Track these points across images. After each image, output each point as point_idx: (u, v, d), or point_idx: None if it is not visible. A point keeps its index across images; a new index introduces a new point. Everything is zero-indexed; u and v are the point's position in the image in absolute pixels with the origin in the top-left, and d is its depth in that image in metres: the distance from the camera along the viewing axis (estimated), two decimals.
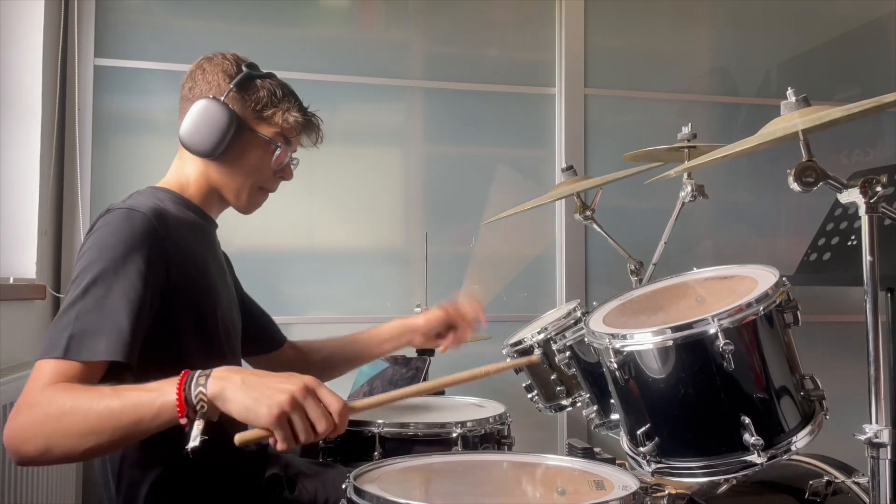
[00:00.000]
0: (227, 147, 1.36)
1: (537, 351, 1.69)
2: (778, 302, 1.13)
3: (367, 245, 2.70)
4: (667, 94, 2.96)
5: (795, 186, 1.11)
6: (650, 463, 1.17)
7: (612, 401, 1.30)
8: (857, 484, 1.39)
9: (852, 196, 1.11)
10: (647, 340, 1.13)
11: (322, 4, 2.78)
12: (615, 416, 1.35)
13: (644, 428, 1.16)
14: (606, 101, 2.91)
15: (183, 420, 1.04)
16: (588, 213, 2.02)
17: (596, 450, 1.76)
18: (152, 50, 2.53)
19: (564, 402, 1.72)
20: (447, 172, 2.81)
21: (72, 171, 2.40)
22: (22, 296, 2.06)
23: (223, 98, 1.37)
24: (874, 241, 1.10)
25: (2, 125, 2.17)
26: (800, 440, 1.13)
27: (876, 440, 1.08)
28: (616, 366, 1.15)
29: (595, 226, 2.03)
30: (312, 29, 2.74)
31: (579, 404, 1.68)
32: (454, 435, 1.46)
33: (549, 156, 2.86)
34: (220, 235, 1.53)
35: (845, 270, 1.83)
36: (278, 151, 1.42)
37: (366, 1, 2.79)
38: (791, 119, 1.14)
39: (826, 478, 1.41)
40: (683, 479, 1.17)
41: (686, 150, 1.82)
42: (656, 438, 1.16)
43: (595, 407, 1.55)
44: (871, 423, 1.09)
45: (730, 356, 1.07)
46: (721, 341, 1.07)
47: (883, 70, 3.11)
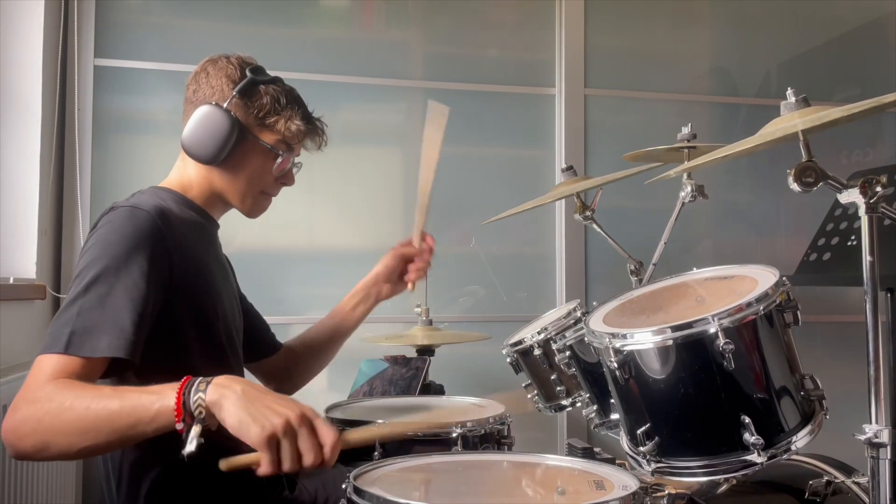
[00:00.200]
0: (229, 153, 1.36)
1: (537, 351, 1.69)
2: (778, 302, 1.13)
3: (367, 245, 2.70)
4: (667, 95, 2.96)
5: (795, 187, 1.11)
6: (650, 462, 1.17)
7: (612, 400, 1.30)
8: (857, 484, 1.39)
9: (852, 196, 1.11)
10: (647, 340, 1.13)
11: (322, 4, 2.78)
12: (615, 416, 1.35)
13: (644, 427, 1.16)
14: (606, 102, 2.91)
15: (179, 425, 1.03)
16: (588, 214, 2.02)
17: (596, 450, 1.76)
18: (152, 50, 2.53)
19: (564, 402, 1.72)
20: (447, 172, 2.80)
21: (72, 171, 2.40)
22: (22, 296, 2.06)
23: (226, 104, 1.37)
24: (874, 241, 1.10)
25: (2, 125, 2.17)
26: (800, 440, 1.13)
27: (876, 440, 1.08)
28: (616, 365, 1.15)
29: (595, 226, 2.03)
30: (312, 29, 2.74)
31: (579, 404, 1.68)
32: (454, 435, 1.46)
33: (549, 156, 2.85)
34: (221, 236, 1.53)
35: (845, 270, 1.83)
36: (280, 159, 1.42)
37: (366, 1, 2.79)
38: (791, 119, 1.14)
39: (826, 478, 1.41)
40: (683, 479, 1.18)
41: (686, 151, 1.82)
42: (656, 438, 1.16)
43: (595, 407, 1.55)
44: (871, 423, 1.09)
45: (730, 356, 1.07)
46: (721, 341, 1.07)
47: (883, 70, 3.11)
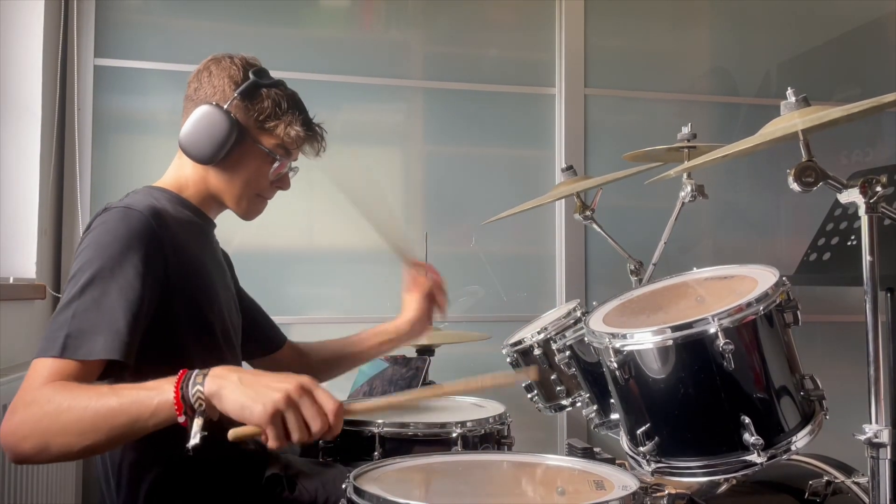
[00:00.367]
0: (227, 155, 1.36)
1: (537, 351, 1.70)
2: (778, 302, 1.13)
3: (367, 245, 2.69)
4: (667, 94, 2.96)
5: (795, 186, 1.11)
6: (650, 463, 1.17)
7: (612, 400, 1.30)
8: (857, 484, 1.39)
9: (852, 196, 1.11)
10: (647, 340, 1.13)
11: (322, 4, 2.78)
12: (615, 416, 1.35)
13: (644, 427, 1.16)
14: (606, 101, 2.90)
15: (181, 418, 1.04)
16: (588, 213, 2.03)
17: (596, 450, 1.76)
18: (152, 50, 2.53)
19: (564, 402, 1.72)
20: (447, 172, 2.81)
21: (72, 171, 2.40)
22: (22, 296, 2.06)
23: (226, 105, 1.36)
24: (874, 241, 1.10)
25: (2, 125, 2.17)
26: (800, 440, 1.13)
27: (876, 440, 1.09)
28: (616, 365, 1.15)
29: (595, 226, 2.03)
30: (312, 29, 2.74)
31: (579, 404, 1.68)
32: (454, 435, 1.46)
33: (549, 156, 2.85)
34: (220, 235, 1.53)
35: (845, 270, 1.83)
36: (276, 163, 1.42)
37: (366, 1, 2.79)
38: (791, 119, 1.14)
39: (826, 478, 1.41)
40: (683, 479, 1.18)
41: (686, 150, 1.83)
42: (656, 438, 1.16)
43: (595, 407, 1.55)
44: (871, 423, 1.09)
45: (730, 356, 1.07)
46: (721, 341, 1.07)
47: (883, 70, 3.11)
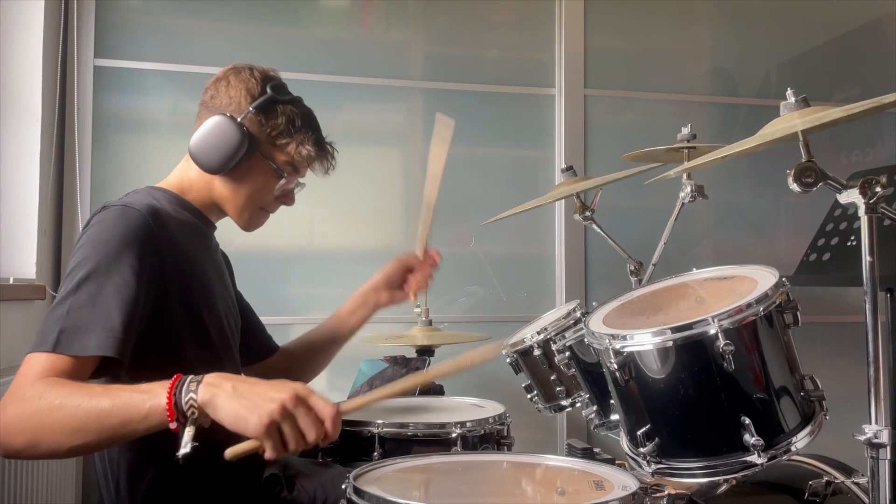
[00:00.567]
0: (235, 166, 1.36)
1: (537, 351, 1.69)
2: (778, 302, 1.13)
3: (367, 245, 2.70)
4: (666, 95, 2.96)
5: (795, 187, 1.11)
6: (650, 463, 1.17)
7: (612, 401, 1.30)
8: (857, 484, 1.39)
9: (852, 196, 1.11)
10: (647, 341, 1.13)
11: (322, 4, 2.78)
12: (615, 417, 1.35)
13: (644, 428, 1.16)
14: (606, 102, 2.91)
15: (173, 425, 1.03)
16: (588, 214, 2.02)
17: (596, 450, 1.76)
18: (152, 50, 2.53)
19: (564, 403, 1.72)
20: (447, 172, 2.80)
21: (71, 171, 2.40)
22: (21, 296, 2.06)
23: (240, 118, 1.36)
24: (874, 242, 1.10)
25: (2, 125, 2.17)
26: (800, 440, 1.13)
27: (875, 440, 1.08)
28: (616, 366, 1.15)
29: (595, 226, 2.03)
30: (312, 29, 2.74)
31: (579, 405, 1.68)
32: (454, 435, 1.46)
33: (549, 156, 2.85)
34: (221, 236, 1.53)
35: (845, 271, 1.84)
36: (283, 180, 1.42)
37: (366, 1, 2.79)
38: (791, 119, 1.14)
39: (826, 478, 1.41)
40: (683, 480, 1.18)
41: (686, 151, 1.82)
42: (656, 439, 1.16)
43: (595, 407, 1.55)
44: (871, 424, 1.09)
45: (730, 357, 1.07)
46: (721, 342, 1.07)
47: (883, 70, 3.11)
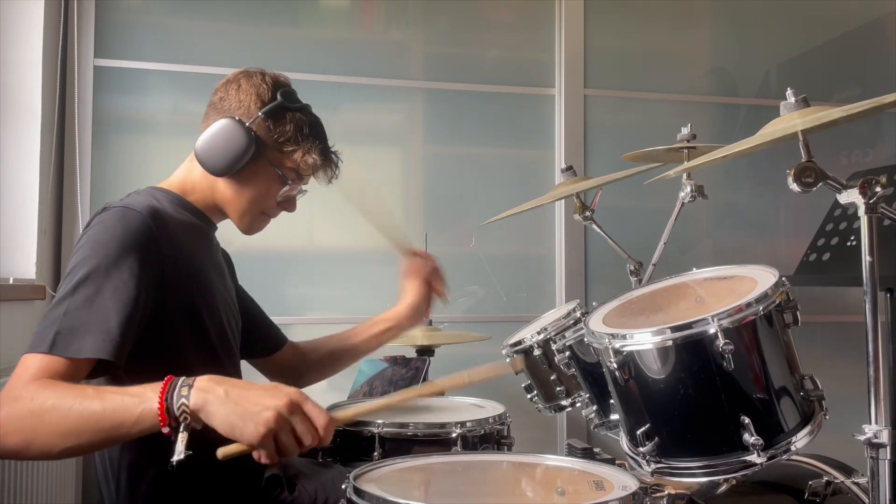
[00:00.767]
0: (240, 169, 1.36)
1: (537, 351, 1.69)
2: (777, 302, 1.13)
3: (367, 245, 2.70)
4: (666, 95, 2.96)
5: (795, 187, 1.11)
6: (650, 463, 1.17)
7: (612, 401, 1.30)
8: (857, 484, 1.39)
9: (852, 196, 1.11)
10: (647, 340, 1.13)
11: (322, 5, 2.78)
12: (615, 417, 1.35)
13: (644, 428, 1.16)
14: (606, 102, 2.91)
15: (165, 429, 1.03)
16: (588, 214, 2.03)
17: (595, 450, 1.76)
18: (152, 50, 2.53)
19: (564, 403, 1.72)
20: (447, 173, 2.81)
21: (71, 171, 2.40)
22: (21, 296, 2.06)
23: (248, 122, 1.35)
24: (873, 242, 1.10)
25: (2, 125, 2.17)
26: (799, 440, 1.13)
27: (875, 440, 1.09)
28: (616, 366, 1.15)
29: (595, 226, 2.03)
30: (312, 29, 2.74)
31: (579, 404, 1.68)
32: (454, 435, 1.46)
33: (549, 156, 2.86)
34: (222, 236, 1.53)
35: (845, 271, 1.84)
36: (287, 187, 1.42)
37: (366, 1, 2.79)
38: (790, 119, 1.14)
39: (825, 478, 1.41)
40: (683, 479, 1.18)
41: (685, 151, 1.83)
42: (656, 438, 1.16)
43: (594, 407, 1.55)
44: (871, 424, 1.09)
45: (729, 356, 1.07)
46: (721, 341, 1.07)
47: (883, 70, 3.11)
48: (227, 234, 1.54)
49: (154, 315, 1.22)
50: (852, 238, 1.86)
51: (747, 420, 1.09)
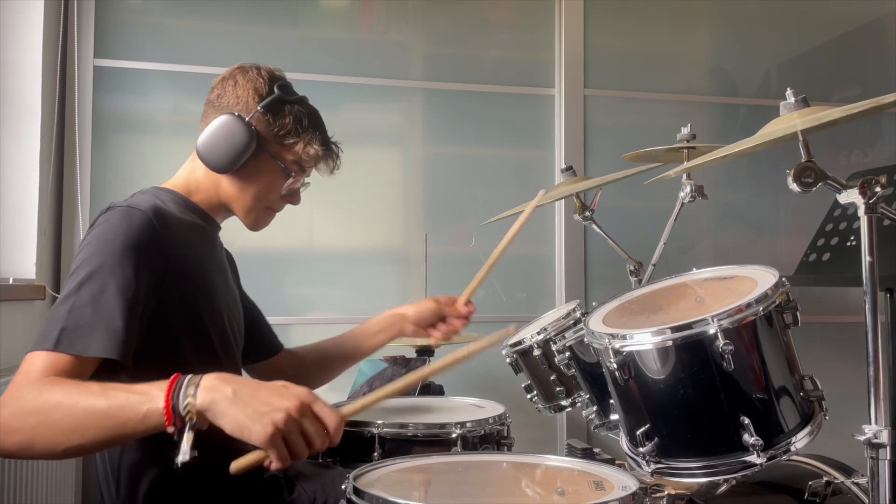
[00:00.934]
0: (242, 165, 1.36)
1: (537, 351, 1.69)
2: (777, 302, 1.13)
3: (367, 245, 2.70)
4: (666, 95, 2.96)
5: (795, 187, 1.11)
6: (650, 463, 1.17)
7: (612, 401, 1.30)
8: (857, 484, 1.39)
9: (851, 196, 1.11)
10: (647, 341, 1.13)
11: (322, 5, 2.78)
12: (615, 417, 1.35)
13: (644, 428, 1.16)
14: (606, 102, 2.91)
15: (170, 429, 1.01)
16: (587, 214, 2.03)
17: (595, 450, 1.77)
18: (152, 50, 2.53)
19: (564, 403, 1.72)
20: (447, 173, 2.81)
21: (71, 171, 2.40)
22: (21, 296, 2.06)
23: (248, 117, 1.36)
24: (873, 242, 1.10)
25: (2, 125, 2.17)
26: (799, 440, 1.13)
27: (875, 441, 1.09)
28: (616, 366, 1.15)
29: (594, 226, 2.03)
30: (312, 29, 2.74)
31: (579, 405, 1.68)
32: (454, 435, 1.46)
33: (549, 156, 2.86)
34: (223, 236, 1.53)
35: (844, 271, 1.83)
36: (290, 179, 1.42)
37: (366, 1, 2.79)
38: (790, 119, 1.14)
39: (825, 478, 1.41)
40: (683, 480, 1.18)
41: (685, 151, 1.82)
42: (656, 439, 1.16)
43: (594, 407, 1.55)
44: (871, 424, 1.09)
45: (729, 356, 1.07)
46: (721, 342, 1.07)
47: (883, 70, 3.11)
48: (229, 235, 1.54)
49: (155, 315, 1.22)
50: (852, 238, 1.86)
51: (747, 420, 1.09)
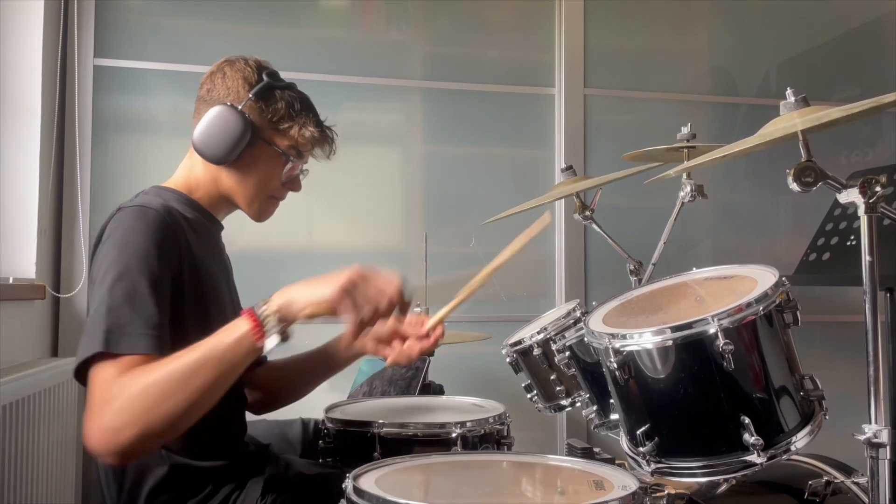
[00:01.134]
0: (240, 155, 1.36)
1: (537, 351, 1.69)
2: (777, 302, 1.13)
3: (367, 245, 2.70)
4: (666, 94, 2.96)
5: (795, 186, 1.11)
6: (650, 463, 1.17)
7: (612, 401, 1.30)
8: (857, 484, 1.39)
9: (851, 196, 1.11)
10: (647, 340, 1.13)
11: (322, 4, 2.78)
12: (615, 416, 1.35)
13: (644, 428, 1.16)
14: (606, 101, 2.91)
15: (260, 343, 1.13)
16: (587, 213, 2.02)
17: (595, 450, 1.76)
18: (152, 50, 2.53)
19: (564, 403, 1.72)
20: (446, 173, 2.81)
21: (72, 171, 2.40)
22: (21, 296, 2.07)
23: (240, 106, 1.37)
24: (873, 241, 1.10)
25: (2, 125, 2.17)
26: (799, 440, 1.13)
27: (875, 440, 1.09)
28: (616, 366, 1.15)
29: (594, 226, 2.03)
30: (312, 29, 2.74)
31: (579, 404, 1.68)
32: (454, 435, 1.46)
33: (549, 156, 2.86)
34: (223, 237, 1.53)
35: (844, 270, 1.83)
36: (289, 164, 1.42)
37: (366, 1, 2.79)
38: (790, 119, 1.14)
39: (825, 478, 1.41)
40: (683, 479, 1.18)
41: (685, 150, 1.82)
42: (656, 438, 1.16)
43: (594, 407, 1.55)
44: (871, 423, 1.09)
45: (729, 356, 1.07)
46: (721, 341, 1.07)
47: (883, 70, 3.11)
48: (228, 235, 1.54)
49: (171, 310, 1.22)
50: (852, 238, 1.86)
51: (747, 420, 1.09)
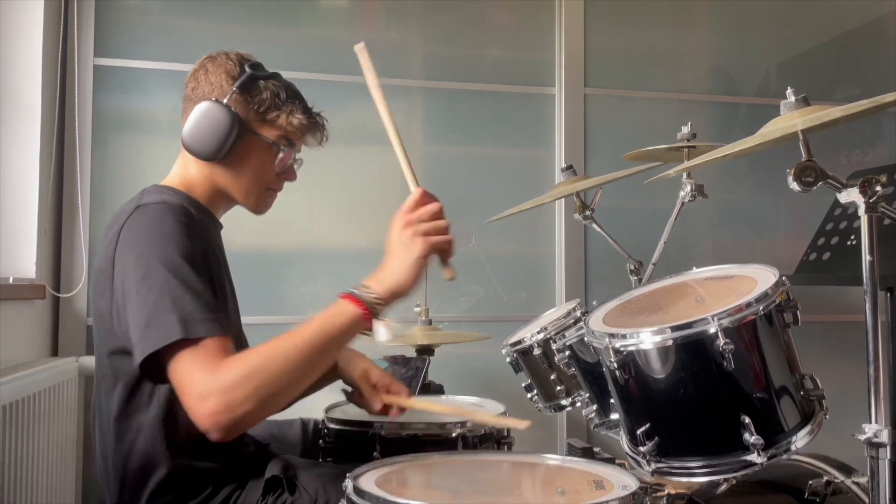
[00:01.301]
0: (230, 150, 1.36)
1: (537, 351, 1.69)
2: (777, 301, 1.13)
3: (367, 245, 2.70)
4: (666, 94, 2.96)
5: (795, 186, 1.11)
6: (650, 462, 1.17)
7: (612, 400, 1.30)
8: (857, 484, 1.39)
9: (852, 196, 1.11)
10: (647, 340, 1.13)
11: (322, 4, 2.78)
12: (615, 416, 1.35)
13: (644, 427, 1.16)
14: (606, 101, 2.90)
15: (369, 322, 1.18)
16: (588, 213, 2.03)
17: (596, 449, 1.76)
18: (152, 50, 2.53)
19: (564, 402, 1.72)
20: (446, 172, 2.80)
21: (72, 171, 2.40)
22: (21, 295, 2.07)
23: (225, 100, 1.36)
24: (874, 241, 1.10)
25: (2, 125, 2.17)
26: (799, 440, 1.13)
27: (875, 440, 1.09)
28: (616, 365, 1.15)
29: (595, 225, 2.03)
30: (312, 29, 2.74)
31: (579, 404, 1.68)
32: (454, 435, 1.46)
33: (549, 156, 2.85)
34: (222, 236, 1.53)
35: (845, 270, 1.83)
36: (281, 154, 1.42)
37: (366, 1, 2.79)
38: (791, 119, 1.14)
39: (825, 478, 1.41)
40: (683, 479, 1.18)
41: (685, 150, 1.83)
42: (656, 438, 1.16)
43: (595, 407, 1.55)
44: (871, 423, 1.09)
45: (730, 356, 1.07)
46: (721, 341, 1.07)
47: (883, 70, 3.11)
48: (228, 235, 1.54)
49: None
50: (852, 237, 1.86)
51: (747, 419, 1.09)
